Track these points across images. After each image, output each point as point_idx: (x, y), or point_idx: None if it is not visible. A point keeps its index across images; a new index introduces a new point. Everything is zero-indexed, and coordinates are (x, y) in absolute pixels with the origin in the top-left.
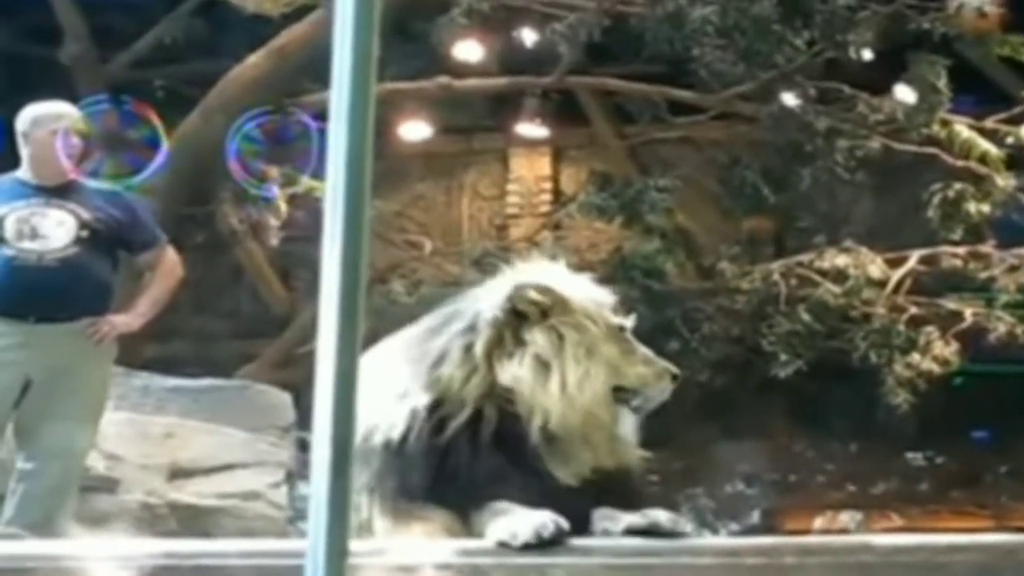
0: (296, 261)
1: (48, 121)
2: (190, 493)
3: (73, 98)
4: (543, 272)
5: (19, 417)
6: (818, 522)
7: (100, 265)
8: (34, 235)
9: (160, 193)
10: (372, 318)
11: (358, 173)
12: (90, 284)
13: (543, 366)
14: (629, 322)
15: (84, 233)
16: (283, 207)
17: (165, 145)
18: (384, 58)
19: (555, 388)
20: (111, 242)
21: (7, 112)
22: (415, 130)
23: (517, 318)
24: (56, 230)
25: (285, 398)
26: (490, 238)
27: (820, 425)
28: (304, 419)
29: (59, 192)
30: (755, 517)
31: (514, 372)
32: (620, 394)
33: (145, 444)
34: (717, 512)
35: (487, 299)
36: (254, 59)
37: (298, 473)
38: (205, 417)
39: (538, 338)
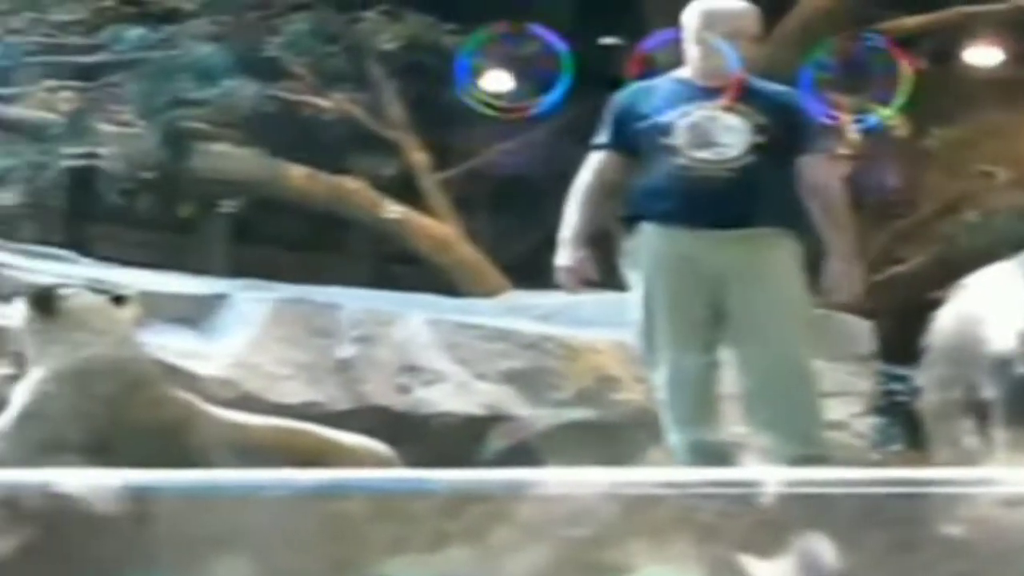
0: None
1: (723, 20)
2: None
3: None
4: None
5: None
6: None
7: (778, 173)
8: (707, 143)
9: None
10: (943, 245)
11: None
12: (767, 194)
13: None
14: None
15: (759, 139)
16: (854, 137)
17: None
18: None
19: None
20: (787, 148)
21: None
22: (986, 55)
23: None
24: (729, 136)
25: (864, 327)
26: None
27: None
28: (884, 349)
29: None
30: None
31: None
32: None
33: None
34: None
35: None
36: None
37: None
38: None
39: None
